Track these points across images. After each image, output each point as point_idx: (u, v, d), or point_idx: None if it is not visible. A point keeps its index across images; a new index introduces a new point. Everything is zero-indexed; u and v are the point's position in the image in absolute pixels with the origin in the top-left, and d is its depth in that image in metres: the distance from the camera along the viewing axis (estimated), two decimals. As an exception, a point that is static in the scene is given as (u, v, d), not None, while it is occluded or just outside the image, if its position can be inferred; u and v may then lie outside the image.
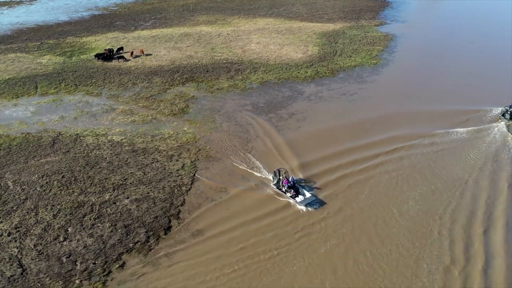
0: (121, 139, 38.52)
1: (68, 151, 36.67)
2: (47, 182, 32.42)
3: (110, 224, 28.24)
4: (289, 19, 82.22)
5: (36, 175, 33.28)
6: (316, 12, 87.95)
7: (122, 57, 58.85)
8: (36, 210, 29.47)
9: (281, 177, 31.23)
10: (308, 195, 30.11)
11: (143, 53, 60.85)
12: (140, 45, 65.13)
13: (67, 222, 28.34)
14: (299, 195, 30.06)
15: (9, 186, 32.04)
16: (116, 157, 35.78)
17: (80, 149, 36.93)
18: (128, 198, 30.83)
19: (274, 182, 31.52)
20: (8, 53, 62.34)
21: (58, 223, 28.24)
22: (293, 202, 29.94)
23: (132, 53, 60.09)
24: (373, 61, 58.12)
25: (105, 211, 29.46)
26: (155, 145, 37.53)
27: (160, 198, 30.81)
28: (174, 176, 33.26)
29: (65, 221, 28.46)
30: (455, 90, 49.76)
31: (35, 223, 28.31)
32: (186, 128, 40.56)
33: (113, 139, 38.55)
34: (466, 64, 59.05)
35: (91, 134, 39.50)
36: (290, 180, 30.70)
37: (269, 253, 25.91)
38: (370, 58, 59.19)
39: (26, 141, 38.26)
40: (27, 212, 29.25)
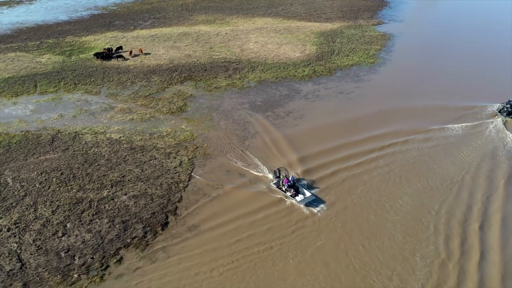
0: (120, 137, 38.92)
1: (67, 149, 37.06)
2: (46, 179, 32.83)
3: (108, 220, 28.65)
4: (287, 18, 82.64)
5: (35, 172, 33.69)
6: (314, 11, 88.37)
7: (121, 56, 59.25)
8: (35, 206, 29.88)
9: (281, 177, 31.44)
10: (308, 194, 30.28)
11: (142, 52, 61.26)
12: (139, 44, 65.53)
13: (66, 218, 28.76)
14: (299, 194, 30.20)
15: (8, 183, 32.45)
16: (115, 155, 36.19)
17: (79, 147, 37.33)
18: (126, 194, 31.25)
19: (274, 182, 31.70)
20: (7, 52, 62.73)
21: (57, 219, 28.65)
22: (293, 201, 30.14)
23: (131, 52, 60.50)
24: (370, 60, 58.53)
25: (103, 207, 29.88)
26: (153, 143, 37.94)
27: (158, 195, 31.23)
28: (172, 173, 33.68)
29: (63, 217, 28.88)
30: (452, 88, 50.25)
31: (34, 219, 28.73)
32: (184, 126, 40.97)
33: (111, 137, 38.95)
34: (464, 63, 59.49)
35: (89, 132, 39.90)
36: (290, 179, 30.82)
37: (264, 246, 26.39)
38: (368, 57, 59.60)
39: (25, 139, 38.65)
40: (26, 208, 29.66)
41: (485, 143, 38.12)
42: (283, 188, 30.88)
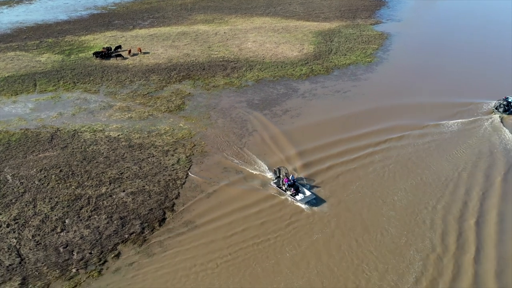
0: (118, 135, 39.33)
1: (66, 147, 37.47)
2: (45, 176, 33.24)
3: (106, 216, 29.06)
4: (286, 18, 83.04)
5: (35, 169, 34.10)
6: (312, 11, 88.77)
7: (120, 55, 59.66)
8: (34, 203, 30.29)
9: (281, 176, 31.60)
10: (308, 193, 30.41)
11: (140, 51, 61.66)
12: (138, 43, 65.93)
13: (65, 214, 29.17)
14: (299, 194, 30.34)
15: (8, 180, 32.86)
16: (113, 152, 36.59)
17: (77, 145, 37.73)
18: (124, 191, 31.65)
19: (274, 181, 31.84)
20: (7, 51, 63.11)
21: (55, 215, 29.07)
22: (293, 200, 30.32)
23: (129, 52, 60.90)
24: (367, 59, 58.95)
25: (101, 203, 30.29)
26: (151, 141, 38.35)
27: (155, 191, 31.64)
28: (169, 171, 34.09)
29: (62, 213, 29.29)
30: (449, 86, 50.84)
31: (34, 215, 29.13)
32: (182, 124, 41.38)
33: (110, 135, 39.36)
34: (460, 61, 59.96)
35: (88, 130, 40.30)
36: (290, 178, 30.94)
37: (260, 240, 26.91)
38: (365, 56, 60.02)
39: (25, 136, 39.06)
40: (26, 205, 30.07)
41: (482, 139, 38.74)
42: (283, 187, 30.97)
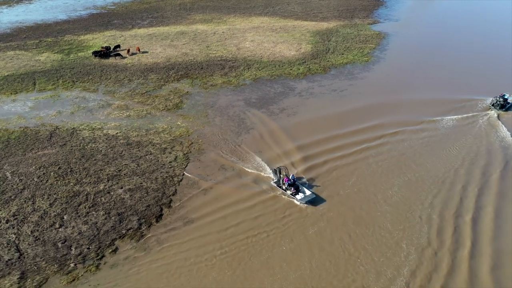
0: (116, 133, 39.75)
1: (64, 144, 37.90)
2: (44, 173, 33.67)
3: (104, 212, 29.49)
4: (284, 17, 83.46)
5: (34, 167, 34.52)
6: (311, 11, 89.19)
7: (118, 55, 60.07)
8: (33, 199, 30.72)
9: (281, 175, 31.79)
10: (308, 192, 30.60)
11: (139, 50, 62.08)
12: (136, 43, 66.34)
13: (63, 210, 29.60)
14: (299, 193, 30.53)
15: (7, 177, 33.28)
16: (111, 150, 37.02)
17: (76, 142, 38.16)
18: (122, 188, 32.08)
19: (275, 180, 32.02)
20: (7, 50, 63.52)
21: (54, 211, 29.49)
22: (293, 200, 30.57)
23: (128, 51, 61.31)
24: (364, 59, 59.37)
25: (99, 200, 30.73)
26: (149, 139, 38.77)
27: (153, 188, 32.07)
28: (167, 168, 34.52)
29: (61, 209, 29.72)
30: (446, 83, 51.59)
31: (32, 211, 29.56)
32: (179, 123, 41.80)
33: (108, 133, 39.78)
34: (458, 60, 60.41)
35: (87, 128, 40.72)
36: (290, 178, 31.15)
37: (256, 234, 27.50)
38: (362, 56, 60.43)
39: (24, 134, 39.48)
40: (25, 201, 30.51)
41: (478, 135, 39.50)
42: (284, 187, 31.16)
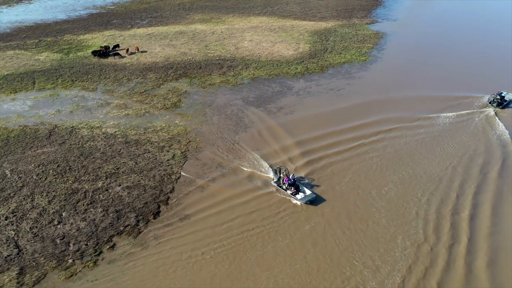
0: (115, 131, 40.10)
1: (63, 143, 38.24)
2: (43, 171, 34.02)
3: (102, 209, 29.84)
4: (282, 17, 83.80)
5: (33, 165, 34.87)
6: (309, 10, 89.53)
7: (117, 54, 60.40)
8: (32, 197, 31.07)
9: (282, 175, 31.89)
10: (308, 192, 30.72)
11: (138, 50, 62.42)
12: (135, 42, 66.68)
13: (62, 207, 29.95)
14: (300, 193, 30.67)
15: (6, 175, 33.62)
16: (110, 148, 37.37)
17: (75, 141, 38.51)
18: (120, 185, 32.43)
19: (275, 180, 32.12)
20: (7, 50, 63.87)
21: (53, 208, 29.85)
22: (293, 199, 30.73)
23: (127, 50, 61.64)
24: (362, 58, 59.71)
25: (97, 197, 31.07)
26: (147, 137, 39.12)
27: (151, 186, 32.42)
28: (165, 166, 34.87)
29: (59, 206, 30.07)
30: (443, 82, 51.97)
31: (31, 208, 29.91)
32: (177, 121, 42.15)
33: (107, 131, 40.13)
34: (455, 59, 60.61)
35: (86, 126, 41.07)
36: (290, 178, 31.24)
37: (252, 229, 27.95)
38: (360, 55, 60.77)
39: (23, 133, 39.83)
40: (24, 198, 30.86)
41: (475, 133, 40.09)
42: (284, 187, 31.23)
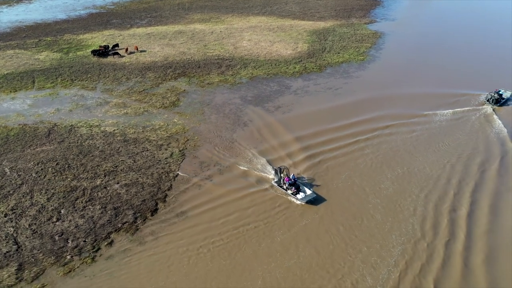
0: (114, 130, 40.42)
1: (62, 141, 38.57)
2: (42, 169, 34.34)
3: (100, 207, 30.17)
4: (281, 17, 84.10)
5: (32, 163, 35.19)
6: (308, 10, 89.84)
7: (117, 54, 60.72)
8: (31, 194, 31.39)
9: (282, 175, 32.03)
10: (309, 192, 30.89)
11: (137, 49, 62.74)
12: (135, 42, 67.00)
13: (60, 205, 30.28)
14: (300, 192, 30.84)
15: (6, 172, 33.96)
16: (108, 146, 37.69)
17: (74, 139, 38.84)
18: (118, 183, 32.75)
19: (275, 180, 32.27)
20: (7, 49, 64.20)
21: (51, 206, 30.17)
22: (294, 199, 30.91)
23: (127, 50, 61.95)
24: (360, 58, 60.01)
25: (96, 194, 31.40)
26: (146, 136, 39.44)
27: (149, 183, 32.74)
28: (163, 164, 35.18)
29: (58, 203, 30.40)
30: (441, 80, 52.52)
31: (30, 205, 30.24)
32: (176, 120, 42.47)
33: (106, 130, 40.45)
34: (453, 59, 60.98)
35: (85, 125, 41.40)
36: (291, 177, 31.45)
37: (249, 225, 28.37)
38: (358, 55, 61.08)
39: (23, 131, 40.16)
40: (23, 196, 31.18)
41: (473, 130, 40.69)
42: (284, 187, 31.37)
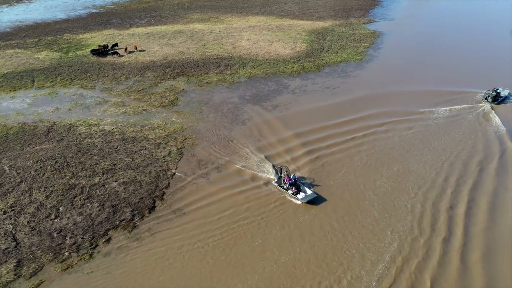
0: (112, 129, 40.69)
1: (61, 139, 38.85)
2: (41, 167, 34.62)
3: (98, 204, 30.43)
4: (280, 17, 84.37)
5: (31, 161, 35.47)
6: (307, 10, 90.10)
7: (116, 53, 61.00)
8: (30, 192, 31.67)
9: (283, 175, 32.15)
10: (309, 192, 30.92)
11: (136, 49, 63.02)
12: (134, 41, 67.28)
13: (59, 202, 30.55)
14: (301, 192, 30.91)
15: (5, 171, 34.23)
16: (107, 145, 37.96)
17: (73, 138, 39.11)
18: (116, 181, 33.02)
19: (276, 180, 32.32)
20: (7, 49, 64.51)
21: (50, 203, 30.45)
22: (294, 199, 31.02)
23: (126, 49, 62.23)
24: (358, 57, 60.25)
25: (94, 192, 31.67)
26: (144, 134, 39.71)
27: (146, 181, 33.00)
28: (161, 162, 35.45)
29: (56, 201, 30.67)
30: (439, 79, 52.95)
31: (29, 203, 30.51)
32: (174, 119, 42.74)
33: (104, 129, 40.72)
34: (452, 58, 61.33)
35: (84, 124, 41.68)
36: (291, 177, 31.53)
37: (247, 222, 28.73)
38: (356, 54, 61.32)
39: (22, 130, 40.44)
40: (22, 193, 31.46)
41: (470, 127, 41.17)
42: (285, 187, 31.41)
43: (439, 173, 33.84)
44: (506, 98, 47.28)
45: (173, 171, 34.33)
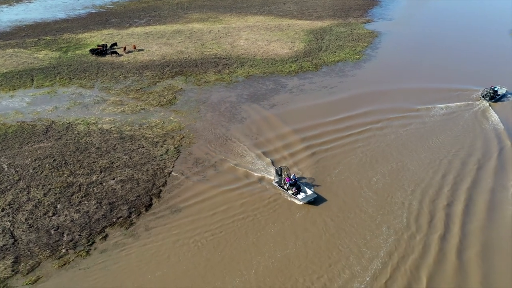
0: (110, 127, 40.97)
1: (60, 138, 39.13)
2: (39, 165, 34.90)
3: (95, 202, 30.71)
4: (279, 17, 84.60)
5: (29, 159, 35.76)
6: (306, 10, 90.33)
7: (115, 52, 61.27)
8: (28, 189, 31.95)
9: (283, 175, 32.19)
10: (309, 192, 30.99)
11: (135, 48, 63.30)
12: (133, 41, 67.55)
13: (56, 200, 30.84)
14: (301, 192, 30.97)
15: (4, 169, 34.52)
16: (105, 143, 38.24)
17: (71, 136, 39.40)
18: (113, 179, 33.30)
19: (276, 180, 32.33)
20: (6, 48, 64.80)
21: (48, 201, 30.73)
22: (294, 199, 31.15)
23: (125, 49, 62.50)
24: (356, 57, 60.49)
25: (91, 190, 31.95)
26: (142, 133, 39.98)
27: (144, 179, 33.28)
28: (158, 160, 35.72)
29: (54, 199, 30.96)
30: (437, 77, 53.38)
31: (27, 200, 30.80)
32: (172, 118, 43.01)
33: (103, 127, 41.01)
34: (450, 57, 61.53)
35: (82, 122, 41.95)
36: (291, 178, 31.61)
37: (244, 218, 29.08)
38: (354, 54, 61.56)
39: (21, 129, 40.73)
40: (20, 191, 31.75)
41: (468, 124, 41.66)
42: (285, 187, 31.49)
43: (436, 171, 34.09)
44: (503, 96, 47.64)
45: (170, 169, 34.57)
